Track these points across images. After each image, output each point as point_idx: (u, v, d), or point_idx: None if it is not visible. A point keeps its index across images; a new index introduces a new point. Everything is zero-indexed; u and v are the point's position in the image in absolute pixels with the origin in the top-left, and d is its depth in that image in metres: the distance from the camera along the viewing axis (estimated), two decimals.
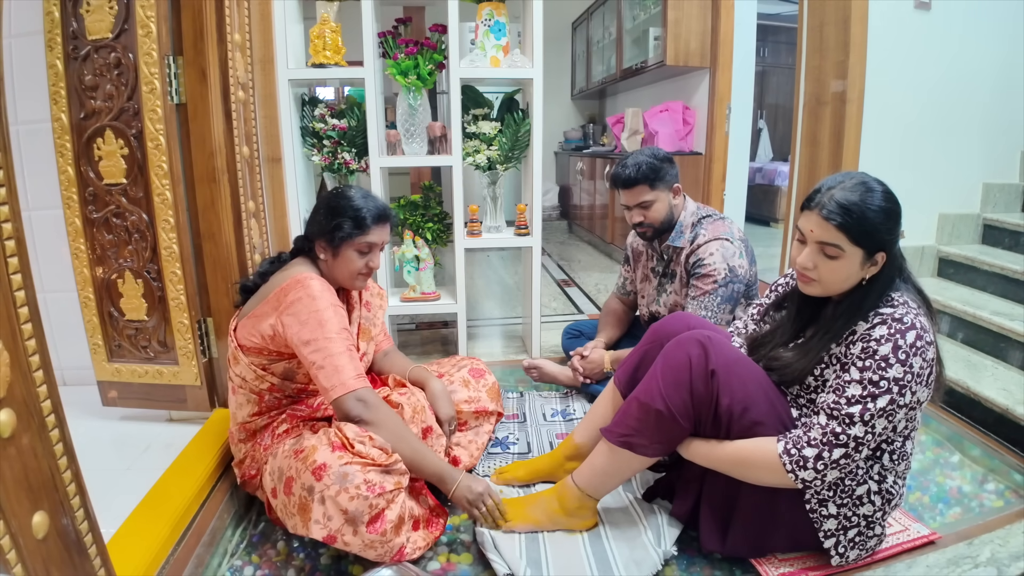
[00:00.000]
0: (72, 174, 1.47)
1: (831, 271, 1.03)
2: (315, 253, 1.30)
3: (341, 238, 1.25)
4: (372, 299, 1.46)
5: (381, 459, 1.07)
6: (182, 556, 1.10)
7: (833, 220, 0.99)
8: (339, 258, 1.27)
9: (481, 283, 3.50)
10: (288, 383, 1.28)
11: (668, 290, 1.79)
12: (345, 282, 1.31)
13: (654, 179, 1.64)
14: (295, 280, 1.19)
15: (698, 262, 1.64)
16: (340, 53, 1.94)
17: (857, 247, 1.00)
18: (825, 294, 1.08)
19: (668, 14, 3.10)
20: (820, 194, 1.02)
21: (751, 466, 1.07)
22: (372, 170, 1.99)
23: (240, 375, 1.25)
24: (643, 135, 3.59)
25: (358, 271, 1.28)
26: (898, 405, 0.98)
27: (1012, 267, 2.00)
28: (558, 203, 5.72)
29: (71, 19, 1.40)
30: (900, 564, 1.14)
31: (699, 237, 1.67)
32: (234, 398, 1.28)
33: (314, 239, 1.29)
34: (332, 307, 1.18)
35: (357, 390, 1.14)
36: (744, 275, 1.63)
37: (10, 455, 0.62)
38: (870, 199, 0.99)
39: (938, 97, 2.30)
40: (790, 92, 2.70)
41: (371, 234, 1.27)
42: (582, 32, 5.32)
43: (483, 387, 1.53)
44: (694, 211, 1.73)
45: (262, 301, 1.22)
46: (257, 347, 1.22)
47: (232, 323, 1.28)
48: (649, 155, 1.65)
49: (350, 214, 1.25)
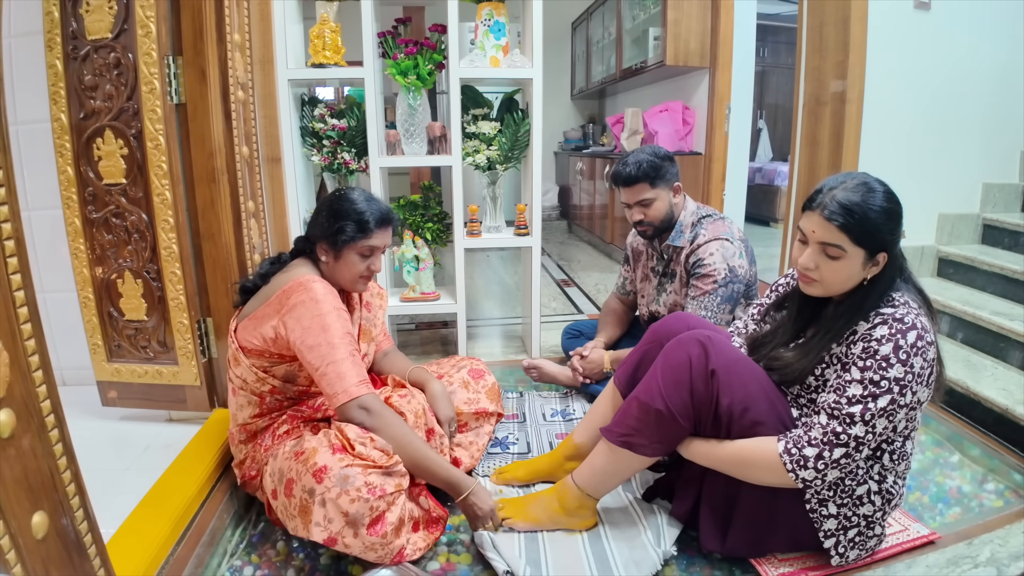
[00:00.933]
0: (72, 174, 1.47)
1: (833, 271, 1.03)
2: (316, 255, 1.29)
3: (343, 241, 1.24)
4: (372, 299, 1.46)
5: (382, 460, 1.07)
6: (182, 556, 1.10)
7: (835, 220, 0.99)
8: (341, 261, 1.27)
9: (481, 283, 3.50)
10: (289, 385, 1.28)
11: (668, 289, 1.79)
12: (346, 285, 1.30)
13: (655, 177, 1.64)
14: (297, 283, 1.18)
15: (698, 262, 1.64)
16: (340, 53, 1.94)
17: (859, 247, 1.00)
18: (826, 294, 1.08)
19: (668, 14, 3.11)
20: (822, 194, 1.02)
21: (751, 466, 1.07)
22: (372, 170, 1.99)
23: (241, 377, 1.24)
24: (643, 135, 3.59)
25: (359, 274, 1.28)
26: (899, 405, 0.98)
27: (1012, 267, 2.00)
28: (558, 203, 5.72)
29: (71, 19, 1.40)
30: (900, 564, 1.14)
31: (699, 237, 1.67)
32: (234, 399, 1.28)
33: (316, 241, 1.28)
34: (335, 311, 1.18)
35: (360, 397, 1.14)
36: (744, 275, 1.63)
37: (10, 455, 0.62)
38: (872, 199, 0.99)
39: (938, 97, 2.30)
40: (790, 92, 2.70)
41: (373, 237, 1.27)
42: (582, 32, 5.32)
43: (482, 388, 1.53)
44: (694, 211, 1.73)
45: (264, 303, 1.21)
46: (258, 349, 1.21)
47: (232, 324, 1.28)
48: (650, 153, 1.66)
49: (353, 217, 1.24)
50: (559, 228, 5.53)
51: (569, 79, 5.88)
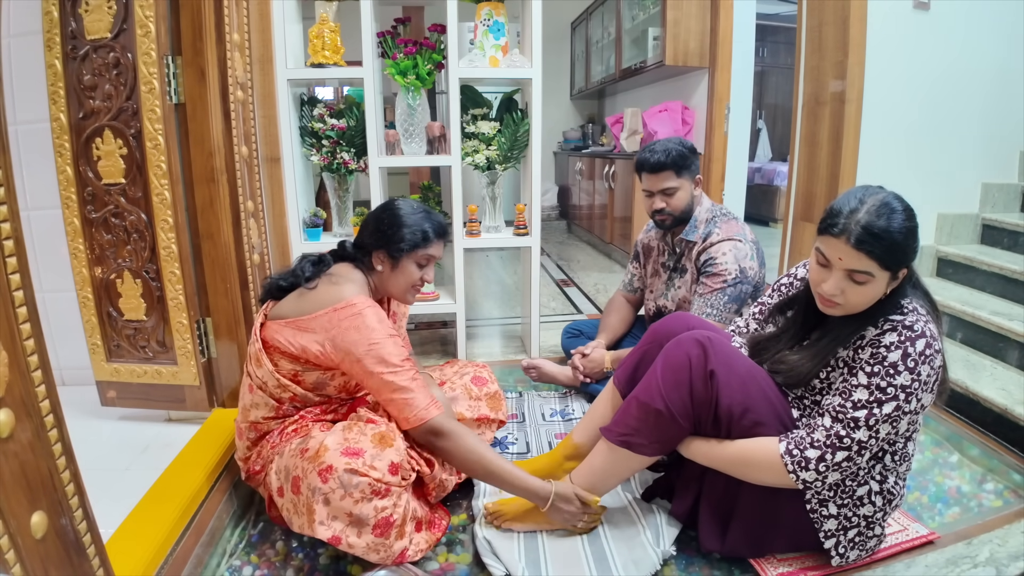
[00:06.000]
0: (71, 174, 1.47)
1: (858, 294, 1.00)
2: (368, 263, 1.29)
3: (404, 249, 1.26)
4: (398, 309, 1.47)
5: (386, 479, 1.06)
6: (181, 556, 1.10)
7: (864, 248, 0.94)
8: (398, 270, 1.27)
9: (480, 283, 3.50)
10: (311, 394, 1.24)
11: (677, 284, 1.80)
12: (398, 294, 1.31)
13: (681, 166, 1.66)
14: (349, 305, 1.16)
15: (709, 260, 1.65)
16: (339, 53, 1.94)
17: (886, 271, 0.97)
18: (848, 314, 1.04)
19: (667, 14, 3.11)
20: (844, 218, 0.96)
21: (752, 466, 1.07)
22: (371, 170, 1.99)
23: (261, 379, 1.21)
24: (642, 135, 3.59)
25: (413, 283, 1.30)
26: (903, 412, 0.98)
27: (1011, 267, 2.00)
28: (557, 203, 5.72)
29: (70, 19, 1.40)
30: (899, 564, 1.14)
31: (712, 235, 1.68)
32: (250, 396, 1.24)
33: (372, 249, 1.29)
34: (390, 338, 1.16)
35: (428, 421, 1.14)
36: (753, 277, 1.64)
37: (9, 455, 0.62)
38: (895, 221, 0.95)
39: (937, 97, 2.30)
40: (789, 92, 2.70)
41: (433, 247, 1.29)
42: (581, 32, 5.32)
43: (484, 395, 1.52)
44: (709, 207, 1.75)
45: (309, 314, 1.17)
46: (293, 354, 1.18)
47: (258, 320, 1.23)
48: (677, 143, 1.67)
49: (415, 226, 1.26)
50: (558, 228, 5.53)
51: (568, 79, 5.88)
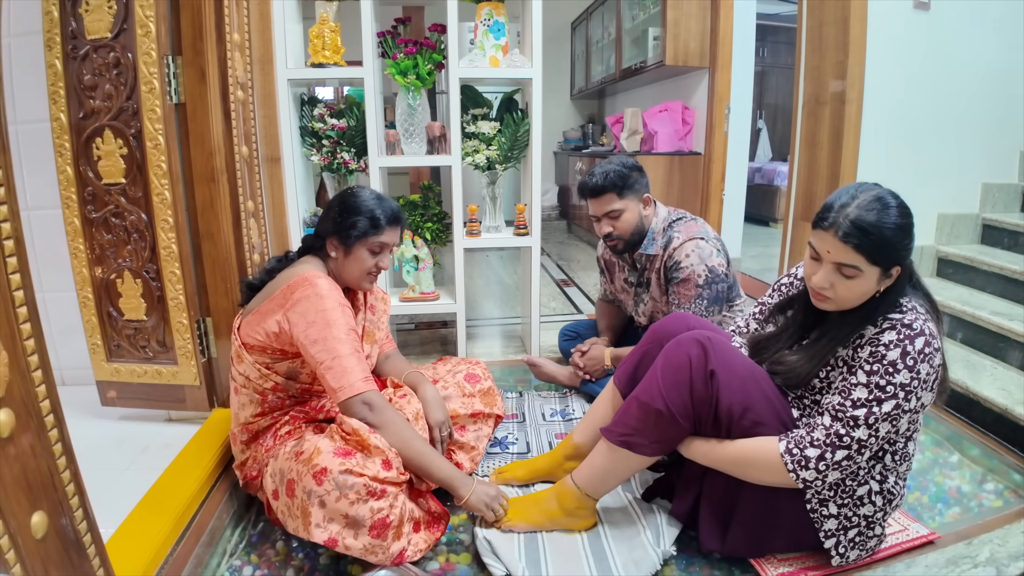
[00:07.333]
0: (71, 174, 1.47)
1: (848, 289, 1.00)
2: (325, 251, 1.30)
3: (355, 236, 1.26)
4: (377, 303, 1.47)
5: (381, 475, 1.07)
6: (181, 556, 1.10)
7: (850, 242, 0.96)
8: (351, 256, 1.28)
9: (480, 283, 3.50)
10: (291, 383, 1.28)
11: (645, 300, 1.75)
12: (353, 282, 1.31)
13: (622, 187, 1.60)
14: (302, 278, 1.19)
15: (675, 265, 1.60)
16: (339, 53, 1.94)
17: (875, 266, 0.98)
18: (840, 309, 1.05)
19: (667, 14, 3.11)
20: (834, 212, 0.98)
21: (752, 465, 1.07)
22: (371, 170, 1.99)
23: (244, 374, 1.24)
24: (642, 135, 3.59)
25: (367, 270, 1.30)
26: (903, 410, 0.98)
27: (1011, 267, 2.00)
28: (557, 203, 5.72)
29: (70, 19, 1.40)
30: (899, 564, 1.14)
31: (673, 240, 1.62)
32: (236, 398, 1.28)
33: (326, 236, 1.30)
34: (340, 307, 1.18)
35: (364, 392, 1.15)
36: (723, 273, 1.59)
37: (9, 455, 0.62)
38: (886, 217, 0.95)
39: (937, 97, 2.30)
40: (789, 92, 2.70)
41: (384, 234, 1.29)
42: (581, 32, 5.32)
43: (478, 391, 1.52)
44: (665, 216, 1.68)
45: (268, 298, 1.22)
46: (261, 345, 1.22)
47: (236, 321, 1.28)
48: (618, 163, 1.61)
49: (365, 213, 1.26)
50: (558, 228, 5.53)
51: (569, 79, 5.88)
